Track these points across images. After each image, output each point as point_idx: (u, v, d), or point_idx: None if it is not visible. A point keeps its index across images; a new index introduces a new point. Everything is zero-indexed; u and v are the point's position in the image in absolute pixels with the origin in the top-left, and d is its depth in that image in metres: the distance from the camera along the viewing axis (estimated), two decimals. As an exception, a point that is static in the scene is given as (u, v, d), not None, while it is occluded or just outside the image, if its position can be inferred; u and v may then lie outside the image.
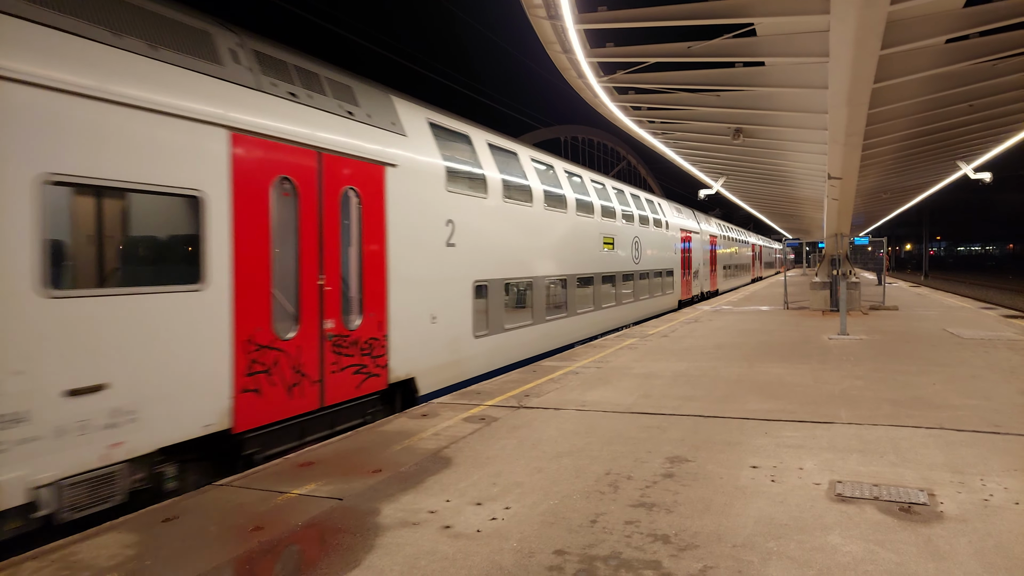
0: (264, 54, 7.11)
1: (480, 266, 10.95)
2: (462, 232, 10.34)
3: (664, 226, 23.84)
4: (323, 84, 7.92)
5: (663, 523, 4.41)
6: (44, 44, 4.88)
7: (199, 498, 5.19)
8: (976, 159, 21.69)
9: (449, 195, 10.06)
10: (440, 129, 10.25)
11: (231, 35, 6.76)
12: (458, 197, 10.34)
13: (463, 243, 10.39)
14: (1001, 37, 11.13)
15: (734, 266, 41.71)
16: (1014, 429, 6.49)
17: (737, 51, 11.56)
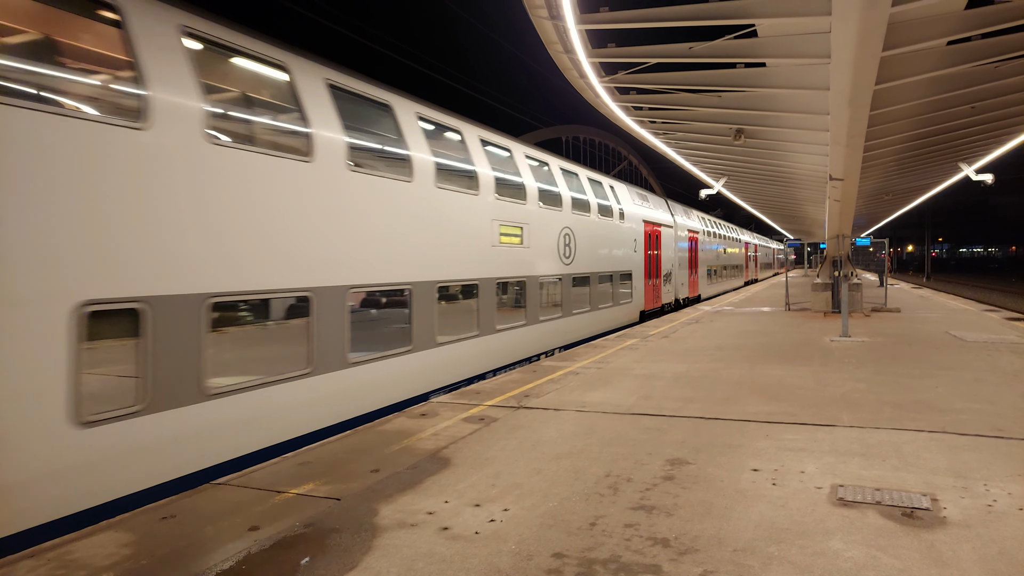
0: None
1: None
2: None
3: (617, 216, 18.71)
4: None
5: (663, 526, 4.37)
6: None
7: (196, 497, 5.17)
8: (978, 161, 21.66)
9: None
10: None
11: None
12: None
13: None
14: (1003, 39, 11.11)
15: (723, 267, 37.08)
16: (1018, 434, 6.45)
17: (738, 52, 11.54)
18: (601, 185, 18.18)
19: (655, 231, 22.39)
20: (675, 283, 24.98)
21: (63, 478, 5.07)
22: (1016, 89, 13.57)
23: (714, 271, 34.23)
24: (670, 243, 24.29)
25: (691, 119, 16.85)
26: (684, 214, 27.88)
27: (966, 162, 21.75)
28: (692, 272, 28.18)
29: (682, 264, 26.20)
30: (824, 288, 20.76)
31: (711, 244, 33.23)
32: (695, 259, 28.90)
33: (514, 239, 12.45)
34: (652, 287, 22.06)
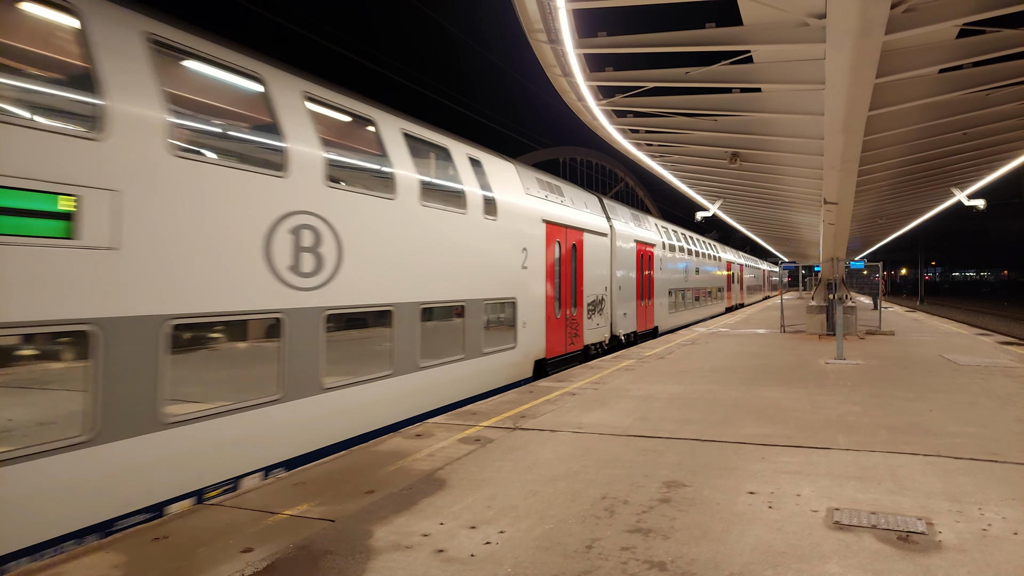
0: None
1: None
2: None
3: (485, 210, 11.53)
4: None
5: (659, 549, 4.36)
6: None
7: (189, 517, 5.13)
8: (970, 186, 21.89)
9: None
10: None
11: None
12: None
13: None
14: (993, 68, 11.31)
15: (695, 292, 30.07)
16: (1012, 458, 6.46)
17: (734, 77, 11.70)
18: (445, 154, 10.77)
19: (573, 238, 14.91)
20: (612, 313, 17.79)
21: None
22: (1007, 116, 13.78)
23: (682, 296, 27.08)
24: (601, 257, 17.01)
25: (687, 142, 17.02)
26: (633, 220, 20.71)
27: (959, 187, 21.97)
28: (644, 298, 21.13)
29: (626, 287, 19.07)
30: (819, 311, 20.83)
31: (677, 262, 26.24)
32: (649, 280, 21.81)
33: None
34: (556, 324, 14.12)
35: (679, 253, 26.95)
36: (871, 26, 8.31)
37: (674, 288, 25.80)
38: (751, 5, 9.33)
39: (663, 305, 23.85)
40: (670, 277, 25.10)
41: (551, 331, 14.00)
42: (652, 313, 22.30)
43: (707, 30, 10.21)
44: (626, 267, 19.35)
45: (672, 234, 26.54)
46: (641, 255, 20.93)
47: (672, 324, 25.08)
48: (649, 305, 21.87)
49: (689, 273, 28.75)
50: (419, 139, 9.98)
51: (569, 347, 14.97)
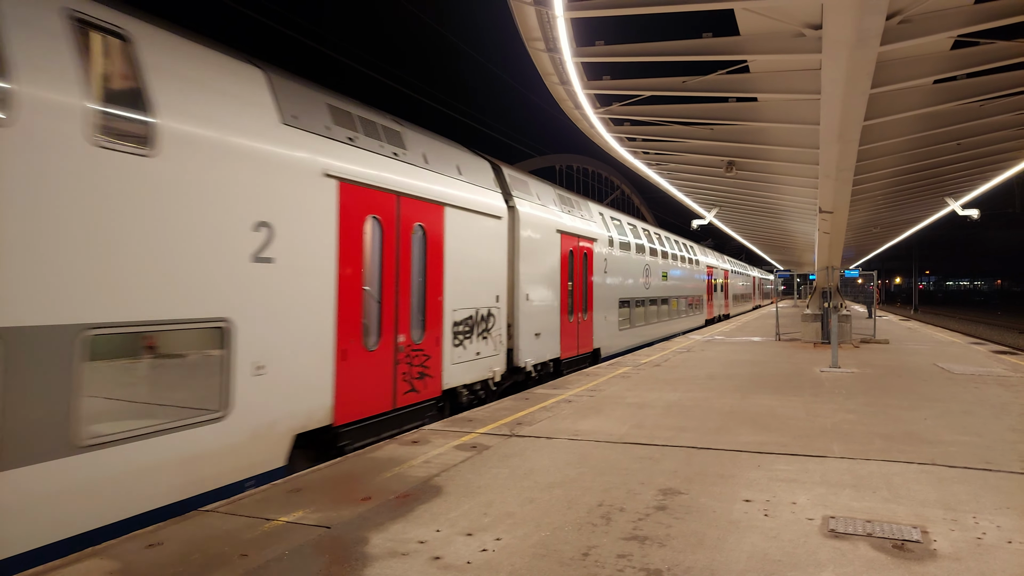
0: None
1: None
2: None
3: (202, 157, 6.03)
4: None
5: (656, 557, 4.36)
6: None
7: (184, 524, 5.11)
8: (964, 196, 22.04)
9: None
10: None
11: None
12: None
13: None
14: (987, 79, 11.42)
15: (661, 301, 24.41)
16: (1005, 466, 6.50)
17: (731, 87, 11.77)
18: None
19: (412, 216, 9.25)
20: (514, 335, 12.39)
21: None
22: (1001, 127, 13.90)
23: (640, 308, 21.57)
24: (487, 250, 11.32)
25: (684, 150, 17.10)
26: (560, 204, 15.13)
27: (953, 197, 22.12)
28: (576, 311, 15.51)
29: (542, 296, 13.53)
30: (814, 319, 20.90)
31: (632, 264, 20.61)
32: (586, 287, 16.29)
33: None
34: (382, 358, 8.53)
35: (637, 253, 21.12)
36: (866, 37, 8.39)
37: (629, 298, 20.04)
38: (748, 15, 9.41)
39: (609, 321, 17.99)
40: (622, 283, 19.41)
41: (352, 375, 7.82)
42: (590, 331, 16.39)
43: (704, 39, 10.29)
44: (543, 268, 13.59)
45: (627, 229, 20.64)
46: (572, 253, 15.19)
47: (624, 344, 19.39)
48: (584, 321, 15.96)
49: (652, 278, 23.01)
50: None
51: (406, 396, 8.84)
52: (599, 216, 18.16)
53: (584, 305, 16.06)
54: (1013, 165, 17.83)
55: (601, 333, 17.25)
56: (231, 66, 6.76)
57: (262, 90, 6.96)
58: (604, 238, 17.76)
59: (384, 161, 8.70)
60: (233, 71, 6.75)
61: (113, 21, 5.57)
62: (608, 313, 17.93)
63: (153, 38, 5.90)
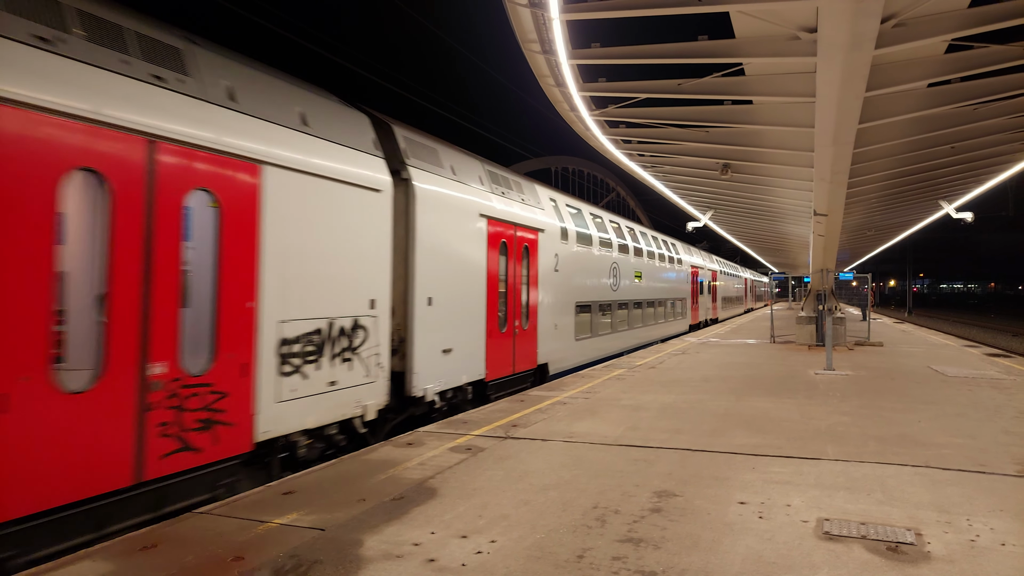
0: None
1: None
2: None
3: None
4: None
5: (651, 559, 4.36)
6: None
7: (178, 526, 5.09)
8: (958, 199, 22.13)
9: None
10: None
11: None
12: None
13: None
14: (981, 83, 11.47)
15: (632, 305, 21.39)
16: (999, 469, 6.52)
17: (726, 89, 11.80)
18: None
19: (223, 185, 6.43)
20: (407, 351, 9.52)
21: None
22: (994, 130, 13.96)
23: (605, 313, 18.51)
24: (361, 239, 8.46)
25: (679, 153, 17.13)
26: (487, 183, 12.02)
27: (947, 200, 22.21)
28: (512, 318, 12.60)
29: (456, 301, 10.63)
30: (809, 321, 20.96)
31: (593, 262, 17.47)
32: (528, 289, 13.33)
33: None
34: (115, 406, 5.33)
35: (601, 249, 18.08)
36: (861, 40, 8.43)
37: (590, 301, 17.08)
38: (743, 18, 9.43)
39: (562, 329, 15.01)
40: (581, 284, 16.42)
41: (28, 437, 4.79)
42: (532, 343, 13.34)
43: (699, 42, 10.31)
44: (457, 263, 10.59)
45: (588, 220, 17.55)
46: (506, 245, 12.19)
47: (584, 356, 16.48)
48: (525, 332, 13.00)
49: (622, 279, 20.05)
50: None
51: (165, 462, 5.84)
52: (549, 203, 14.99)
53: (524, 311, 12.99)
54: (1007, 168, 17.92)
55: (550, 345, 14.21)
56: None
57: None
58: (554, 229, 14.67)
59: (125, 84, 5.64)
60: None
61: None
62: (561, 320, 15.01)
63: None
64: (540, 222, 13.96)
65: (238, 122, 6.64)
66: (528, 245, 13.23)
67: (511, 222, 12.44)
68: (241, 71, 7.03)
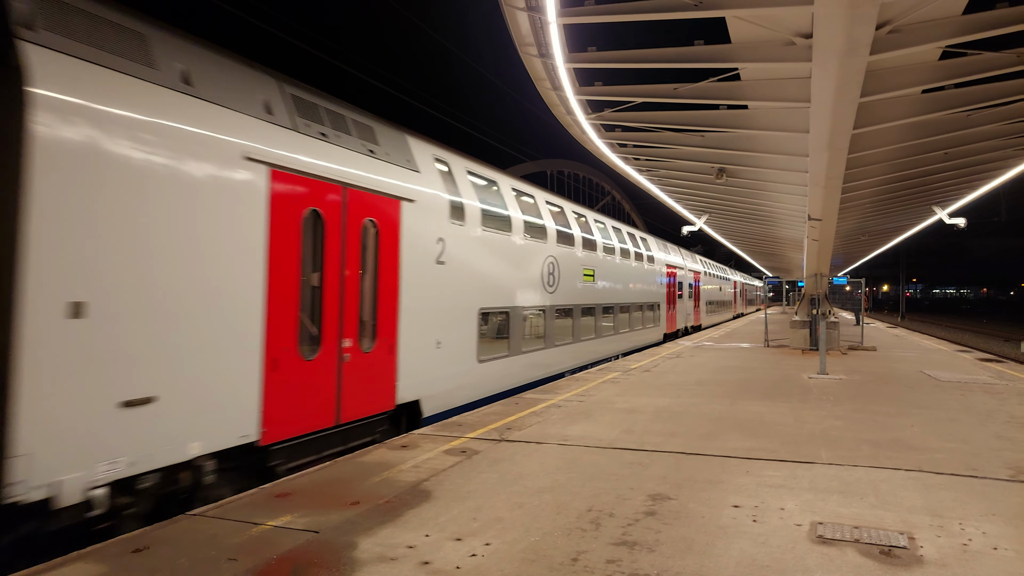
0: None
1: None
2: None
3: None
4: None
5: (645, 562, 4.36)
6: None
7: (171, 528, 5.06)
8: (951, 204, 22.25)
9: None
10: None
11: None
12: None
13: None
14: (975, 89, 11.55)
15: (587, 312, 17.70)
16: (991, 473, 6.55)
17: (722, 94, 11.85)
18: None
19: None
20: (53, 410, 4.96)
21: None
22: (988, 136, 14.05)
23: (536, 321, 14.59)
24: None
25: (674, 157, 17.18)
26: (283, 112, 7.52)
27: (940, 205, 22.33)
28: (331, 340, 7.95)
29: (179, 320, 6.00)
30: (802, 325, 21.01)
31: (520, 253, 13.68)
32: (367, 287, 8.73)
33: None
34: None
35: (529, 238, 13.90)
36: (856, 46, 8.47)
37: (507, 307, 12.91)
38: (739, 24, 9.48)
39: (449, 348, 10.67)
40: (490, 283, 12.24)
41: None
42: (386, 372, 9.04)
43: (695, 47, 10.35)
44: (166, 239, 5.97)
45: (507, 197, 13.32)
46: (320, 218, 7.92)
47: (494, 384, 12.21)
48: (371, 355, 8.70)
49: (562, 278, 15.68)
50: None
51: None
52: (434, 165, 10.59)
53: (366, 322, 8.58)
54: (999, 174, 18.03)
55: (426, 373, 9.87)
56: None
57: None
58: (437, 203, 10.30)
59: None
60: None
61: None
62: (450, 334, 10.61)
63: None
64: (406, 189, 9.45)
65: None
66: (378, 222, 8.79)
67: (337, 182, 7.97)
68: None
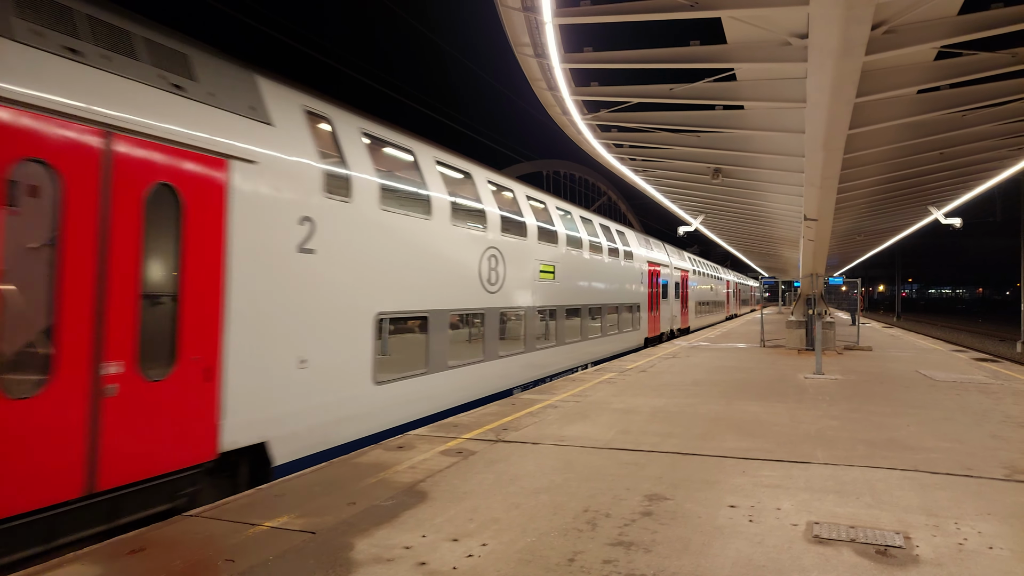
0: None
1: None
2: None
3: None
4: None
5: (641, 563, 4.36)
6: None
7: (167, 529, 5.05)
8: (947, 204, 22.31)
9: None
10: None
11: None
12: None
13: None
14: (970, 89, 11.57)
15: (549, 315, 15.46)
16: (986, 473, 6.57)
17: (718, 94, 11.85)
18: None
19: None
20: None
21: None
22: (983, 137, 14.09)
23: (473, 327, 12.24)
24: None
25: (670, 157, 17.19)
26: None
27: (936, 205, 22.38)
28: (84, 365, 5.26)
29: None
30: (798, 326, 21.05)
31: (445, 241, 10.90)
32: (99, 293, 5.42)
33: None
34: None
35: (454, 222, 11.18)
36: (852, 46, 8.49)
37: (422, 311, 10.24)
38: (735, 24, 9.48)
39: (322, 368, 8.02)
40: (393, 278, 9.55)
41: None
42: (200, 406, 6.30)
43: (691, 47, 10.36)
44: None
45: (421, 168, 10.59)
46: (59, 179, 5.22)
47: (402, 412, 9.61)
48: (167, 384, 5.97)
49: (508, 274, 13.05)
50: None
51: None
52: (297, 117, 7.98)
53: (155, 339, 5.99)
54: (995, 174, 18.09)
55: (281, 403, 7.39)
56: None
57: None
58: (298, 170, 7.70)
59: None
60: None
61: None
62: (321, 349, 7.98)
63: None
64: (241, 148, 6.91)
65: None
66: (182, 189, 6.25)
67: (94, 123, 5.50)
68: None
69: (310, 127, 8.12)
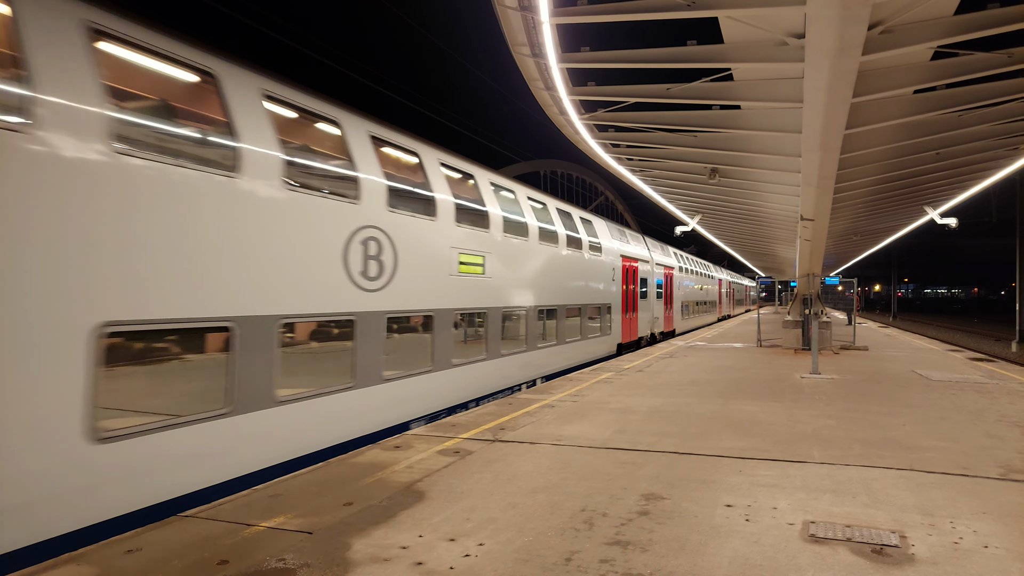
0: None
1: None
2: None
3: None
4: None
5: (638, 562, 4.37)
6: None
7: (163, 530, 5.04)
8: (943, 205, 22.35)
9: None
10: None
11: None
12: None
13: None
14: (967, 90, 11.59)
15: (509, 318, 13.58)
16: (982, 472, 6.58)
17: (714, 94, 11.86)
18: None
19: None
20: None
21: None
22: (979, 137, 14.11)
23: (389, 340, 9.32)
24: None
25: (667, 157, 17.18)
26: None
27: (931, 205, 22.42)
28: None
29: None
30: (795, 325, 21.07)
31: (333, 224, 8.18)
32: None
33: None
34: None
35: (325, 197, 8.15)
36: (848, 46, 8.49)
37: (291, 314, 7.49)
38: (732, 24, 9.49)
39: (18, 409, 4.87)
40: (142, 274, 5.80)
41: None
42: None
43: (688, 47, 10.36)
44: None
45: (256, 118, 7.10)
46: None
47: (213, 471, 6.48)
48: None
49: (401, 264, 9.64)
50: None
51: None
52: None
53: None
54: (990, 175, 18.13)
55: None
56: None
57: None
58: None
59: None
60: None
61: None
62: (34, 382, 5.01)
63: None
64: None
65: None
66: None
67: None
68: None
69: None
